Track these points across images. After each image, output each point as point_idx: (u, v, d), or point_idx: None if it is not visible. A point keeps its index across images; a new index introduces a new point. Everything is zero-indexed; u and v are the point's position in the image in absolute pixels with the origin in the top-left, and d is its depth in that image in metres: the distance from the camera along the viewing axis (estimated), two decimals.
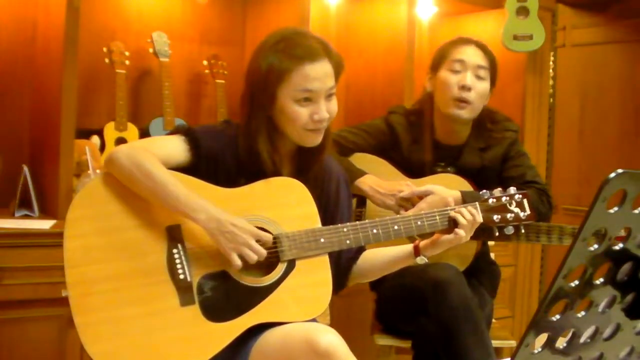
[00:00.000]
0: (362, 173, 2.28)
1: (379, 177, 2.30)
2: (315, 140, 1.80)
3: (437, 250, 1.85)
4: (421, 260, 1.85)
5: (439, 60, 2.40)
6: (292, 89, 1.73)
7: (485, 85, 2.36)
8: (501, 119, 2.45)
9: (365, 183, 2.25)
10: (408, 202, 2.21)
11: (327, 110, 1.76)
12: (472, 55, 2.35)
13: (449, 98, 2.33)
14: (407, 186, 2.22)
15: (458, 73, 2.33)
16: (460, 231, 1.82)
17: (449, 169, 2.39)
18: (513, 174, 2.35)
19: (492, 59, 2.39)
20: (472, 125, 2.41)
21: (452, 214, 1.84)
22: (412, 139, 2.41)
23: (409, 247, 1.87)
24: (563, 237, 2.26)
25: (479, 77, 2.34)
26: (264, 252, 1.68)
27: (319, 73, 1.74)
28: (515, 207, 1.92)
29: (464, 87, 2.31)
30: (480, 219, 1.87)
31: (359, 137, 2.42)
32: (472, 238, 1.94)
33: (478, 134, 2.40)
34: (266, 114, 1.77)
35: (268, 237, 1.70)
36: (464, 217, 1.83)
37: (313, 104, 1.75)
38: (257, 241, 1.67)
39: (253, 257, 1.66)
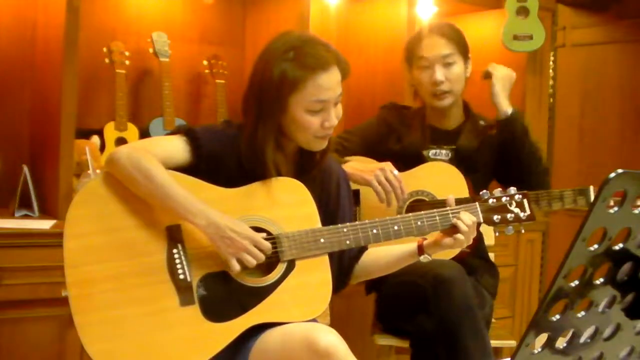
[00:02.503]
0: (345, 161, 2.32)
1: None
2: (323, 145, 1.82)
3: (440, 250, 1.86)
4: (425, 258, 1.86)
5: (409, 57, 2.46)
6: (305, 100, 1.73)
7: (456, 69, 2.40)
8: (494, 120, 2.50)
9: (347, 165, 2.27)
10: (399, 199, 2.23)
11: (335, 115, 1.77)
12: (433, 48, 2.38)
13: (427, 94, 2.41)
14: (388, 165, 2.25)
15: (427, 69, 2.39)
16: (459, 236, 1.83)
17: (443, 150, 2.42)
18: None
19: (455, 39, 2.41)
20: (465, 114, 2.48)
21: (453, 220, 1.84)
22: (406, 125, 2.47)
23: (412, 246, 1.87)
24: (552, 202, 2.28)
25: (447, 65, 2.38)
26: (262, 256, 1.68)
27: (332, 82, 1.74)
28: (515, 207, 1.92)
29: (436, 83, 2.37)
30: (480, 219, 1.88)
31: (345, 139, 2.47)
32: None
33: (473, 120, 2.47)
34: (276, 122, 1.77)
35: (267, 245, 1.70)
36: (464, 223, 1.83)
37: (324, 113, 1.75)
38: (256, 247, 1.68)
39: (252, 262, 1.67)
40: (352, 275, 1.94)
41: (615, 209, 0.97)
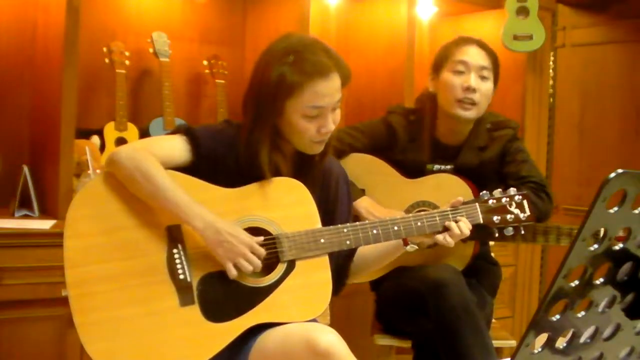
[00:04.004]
0: (359, 194, 2.28)
1: (376, 177, 2.30)
2: (319, 149, 1.82)
3: (424, 241, 1.89)
4: (411, 248, 1.89)
5: (441, 61, 2.38)
6: (302, 105, 1.72)
7: (489, 86, 2.34)
8: (502, 119, 2.45)
9: (361, 205, 2.24)
10: None
11: (332, 120, 1.77)
12: (474, 56, 2.33)
13: (453, 100, 2.31)
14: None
15: (461, 74, 2.31)
16: (448, 238, 1.86)
17: (447, 166, 2.37)
18: (510, 170, 2.34)
19: (494, 58, 2.38)
20: (473, 125, 2.40)
21: (447, 223, 1.86)
22: (410, 137, 2.40)
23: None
24: (560, 237, 2.26)
25: (483, 78, 2.32)
26: (259, 263, 1.68)
27: (330, 89, 1.73)
28: (515, 208, 1.92)
29: (469, 89, 2.29)
30: (480, 220, 1.89)
31: (354, 138, 2.42)
32: (470, 238, 1.95)
33: (478, 133, 2.39)
34: (272, 125, 1.76)
35: (262, 250, 1.70)
36: (460, 229, 1.85)
37: (320, 118, 1.75)
38: (253, 253, 1.68)
39: (248, 268, 1.67)
40: (349, 273, 1.95)
41: (615, 209, 0.97)
